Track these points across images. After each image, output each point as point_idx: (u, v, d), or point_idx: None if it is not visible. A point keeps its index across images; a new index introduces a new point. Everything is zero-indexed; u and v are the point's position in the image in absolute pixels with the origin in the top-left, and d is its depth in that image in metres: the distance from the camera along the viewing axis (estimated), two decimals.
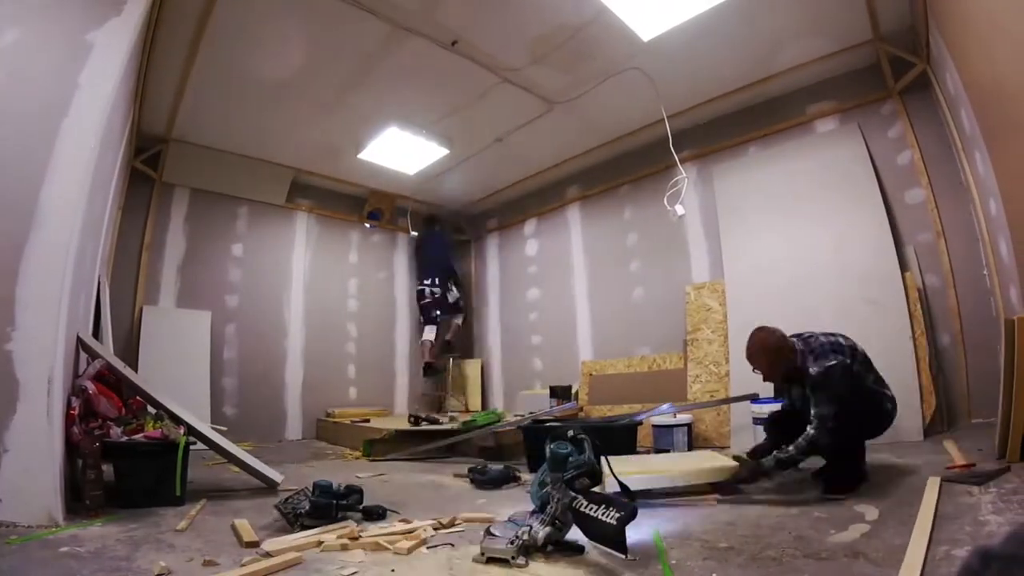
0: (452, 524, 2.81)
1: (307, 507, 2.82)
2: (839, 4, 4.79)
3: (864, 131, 5.49)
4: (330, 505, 2.86)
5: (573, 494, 2.35)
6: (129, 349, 6.15)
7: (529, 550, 2.22)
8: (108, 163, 4.29)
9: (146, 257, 6.59)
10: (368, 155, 7.26)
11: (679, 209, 5.51)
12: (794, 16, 4.93)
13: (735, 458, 3.52)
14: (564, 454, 2.48)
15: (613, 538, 2.16)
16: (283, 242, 8.00)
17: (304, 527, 2.72)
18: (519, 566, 2.13)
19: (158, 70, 5.14)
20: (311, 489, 2.94)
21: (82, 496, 3.02)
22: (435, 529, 2.70)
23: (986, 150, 3.63)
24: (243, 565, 2.17)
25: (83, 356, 3.76)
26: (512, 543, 2.19)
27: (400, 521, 2.87)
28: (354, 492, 3.04)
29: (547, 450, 2.54)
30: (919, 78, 5.13)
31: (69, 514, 2.87)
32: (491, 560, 2.19)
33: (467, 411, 7.83)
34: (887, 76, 5.33)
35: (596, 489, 2.45)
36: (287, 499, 2.97)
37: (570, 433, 2.60)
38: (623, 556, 2.12)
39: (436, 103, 6.21)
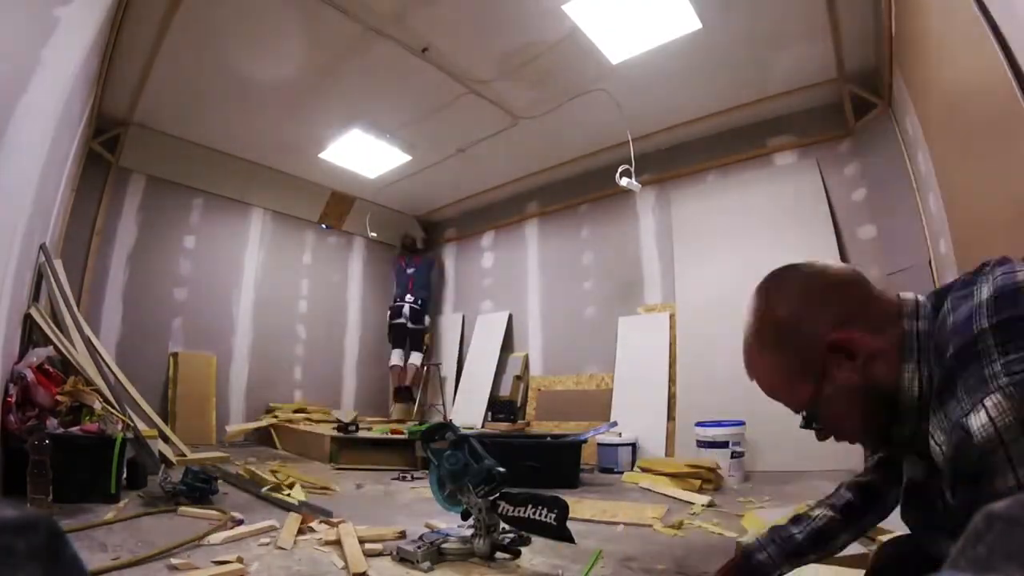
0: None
1: (184, 488, 3.26)
2: (806, 42, 4.93)
3: (821, 167, 5.66)
4: (206, 489, 3.34)
5: (491, 501, 2.36)
6: None
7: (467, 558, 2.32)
8: (64, 143, 4.13)
9: (96, 243, 6.33)
10: (329, 155, 7.18)
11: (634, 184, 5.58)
12: (760, 51, 5.07)
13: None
14: (460, 468, 2.41)
15: (559, 534, 2.26)
16: (237, 237, 7.82)
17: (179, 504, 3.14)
18: (422, 571, 2.18)
19: (124, 51, 4.94)
20: (184, 473, 3.36)
21: (28, 495, 2.77)
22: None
23: (939, 190, 3.78)
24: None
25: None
26: (419, 548, 2.26)
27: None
28: (214, 478, 3.46)
29: (439, 467, 2.49)
30: (879, 118, 5.26)
31: None
32: (403, 560, 2.28)
33: (422, 421, 7.71)
34: (848, 115, 5.49)
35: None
36: (167, 478, 3.36)
37: (448, 435, 2.54)
38: (573, 543, 2.30)
39: (401, 108, 6.17)
